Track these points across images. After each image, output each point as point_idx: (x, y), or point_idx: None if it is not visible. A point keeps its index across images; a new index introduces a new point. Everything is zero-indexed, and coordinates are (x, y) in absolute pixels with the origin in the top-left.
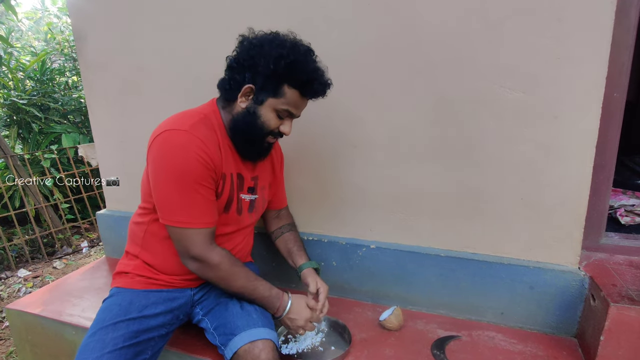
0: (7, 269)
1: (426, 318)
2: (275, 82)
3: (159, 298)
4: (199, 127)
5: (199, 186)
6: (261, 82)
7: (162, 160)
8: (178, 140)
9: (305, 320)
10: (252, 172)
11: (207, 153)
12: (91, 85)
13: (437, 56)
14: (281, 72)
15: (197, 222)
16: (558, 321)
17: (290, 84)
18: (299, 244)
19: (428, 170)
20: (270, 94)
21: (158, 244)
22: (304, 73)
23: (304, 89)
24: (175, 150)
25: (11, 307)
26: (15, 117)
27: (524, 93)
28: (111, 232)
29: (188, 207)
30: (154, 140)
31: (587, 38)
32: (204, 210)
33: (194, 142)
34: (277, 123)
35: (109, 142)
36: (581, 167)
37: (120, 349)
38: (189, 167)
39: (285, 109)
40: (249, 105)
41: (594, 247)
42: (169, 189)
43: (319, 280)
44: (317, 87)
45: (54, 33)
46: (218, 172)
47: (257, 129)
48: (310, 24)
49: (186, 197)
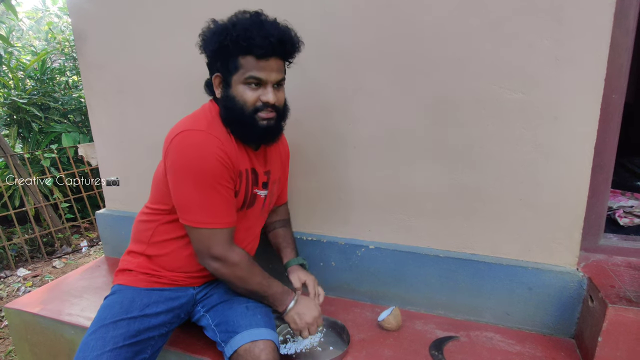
0: (6, 268)
1: (424, 318)
2: (230, 59)
3: (161, 297)
4: (215, 126)
5: (219, 185)
6: (222, 66)
7: (182, 160)
8: (197, 140)
9: (313, 317)
10: (264, 166)
11: (225, 152)
12: (91, 85)
13: (437, 56)
14: (230, 47)
15: (218, 222)
16: (556, 322)
17: (241, 53)
18: (288, 241)
19: (427, 171)
20: (232, 72)
21: (168, 243)
22: (246, 35)
23: (252, 49)
24: (195, 150)
25: (10, 307)
26: (15, 117)
27: (523, 94)
28: (111, 231)
29: (208, 207)
30: (172, 141)
31: (586, 39)
32: (225, 210)
33: (213, 141)
34: (255, 95)
35: (109, 141)
36: (580, 168)
37: (121, 347)
38: (208, 167)
39: (249, 76)
40: (224, 92)
41: (593, 248)
42: (189, 189)
43: (301, 275)
44: (260, 41)
45: (54, 32)
46: (236, 170)
47: (238, 110)
48: (310, 22)
49: (206, 197)
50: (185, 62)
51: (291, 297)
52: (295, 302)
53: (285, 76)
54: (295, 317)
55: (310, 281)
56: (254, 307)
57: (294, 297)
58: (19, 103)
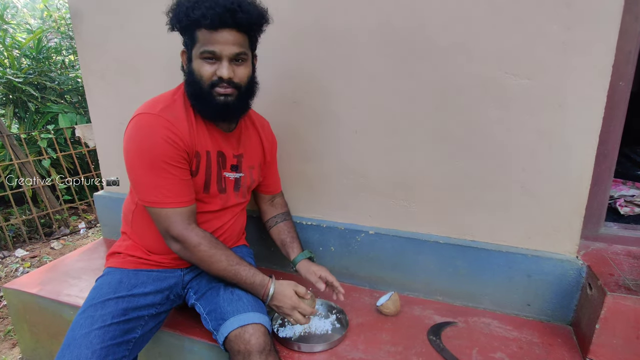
0: (4, 249)
1: (423, 304)
2: (188, 33)
3: (149, 278)
4: (170, 109)
5: (169, 166)
6: (185, 41)
7: (131, 143)
8: (145, 123)
9: (291, 307)
10: (235, 149)
11: (175, 133)
12: (88, 65)
13: (441, 40)
14: (184, 21)
15: (171, 201)
16: (554, 309)
17: (196, 27)
18: (292, 235)
19: (429, 157)
20: (191, 46)
21: (146, 225)
22: (194, 6)
23: (200, 20)
24: (142, 132)
25: (9, 287)
26: (11, 96)
27: (528, 80)
28: (108, 213)
29: (160, 186)
30: (127, 125)
31: (595, 25)
32: (178, 189)
33: (161, 123)
34: (211, 70)
35: (107, 123)
36: (583, 157)
37: (109, 325)
38: (156, 148)
39: (203, 50)
40: (187, 67)
41: (593, 237)
42: (140, 170)
43: (316, 269)
44: (206, 11)
45: (50, 10)
46: (190, 151)
47: (196, 83)
48: (313, 3)
49: (157, 177)
50: None
51: (266, 288)
52: (272, 293)
53: (253, 52)
54: (274, 308)
55: (325, 274)
56: (240, 292)
57: (269, 289)
58: (14, 82)
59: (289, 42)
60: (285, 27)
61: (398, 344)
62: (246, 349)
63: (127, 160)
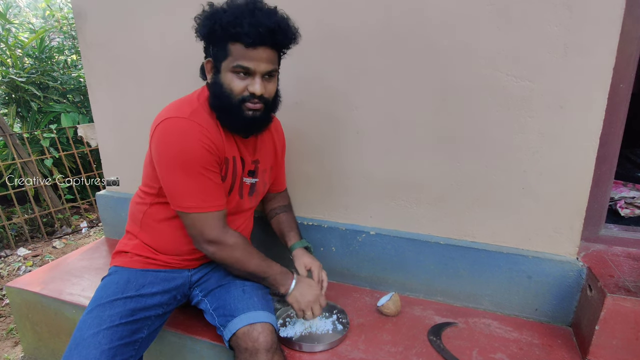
0: (6, 248)
1: (423, 304)
2: (220, 44)
3: (156, 278)
4: (199, 113)
5: (206, 170)
6: (214, 51)
7: (166, 148)
8: (179, 128)
9: (315, 296)
10: (252, 155)
11: (209, 138)
12: (91, 65)
13: (443, 42)
14: (219, 33)
15: (209, 205)
16: (554, 310)
17: (231, 40)
18: (291, 225)
19: (430, 158)
20: (221, 58)
21: (157, 225)
22: (235, 22)
23: (241, 37)
24: (178, 138)
25: (12, 285)
26: (13, 95)
27: (530, 81)
28: (111, 213)
29: (198, 192)
30: (156, 129)
31: (597, 27)
32: (214, 193)
33: (195, 128)
34: (242, 85)
35: (109, 122)
36: (584, 158)
37: (117, 325)
38: (193, 153)
39: (236, 65)
40: (214, 78)
41: (593, 238)
42: (176, 176)
43: (306, 260)
44: (248, 29)
45: (52, 10)
46: (221, 157)
47: (225, 98)
48: (315, 3)
49: (195, 182)
50: (186, 43)
51: (291, 278)
52: (296, 282)
53: (279, 67)
54: (298, 297)
55: (315, 267)
56: (250, 291)
57: (294, 278)
58: (17, 81)
59: None
60: None
61: (398, 344)
62: (254, 346)
63: (160, 167)
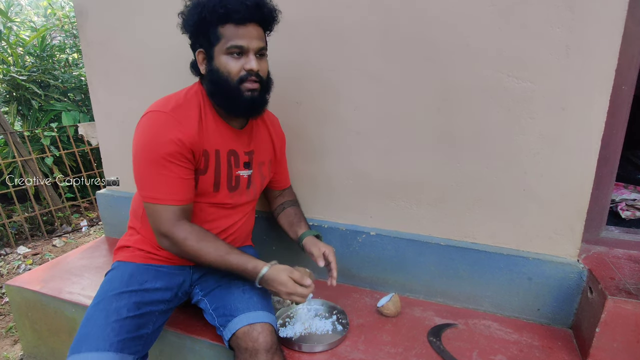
0: (6, 246)
1: (423, 305)
2: (210, 30)
3: (159, 273)
4: (182, 108)
5: (169, 163)
6: (203, 41)
7: (136, 139)
8: (154, 121)
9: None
10: (246, 146)
11: (181, 131)
12: (92, 63)
13: (444, 42)
14: (209, 18)
15: (165, 198)
16: (554, 312)
17: (221, 23)
18: (300, 217)
19: (430, 158)
20: (214, 43)
21: None
22: (222, 2)
23: (229, 15)
24: (149, 129)
25: (11, 284)
26: (14, 93)
27: (531, 83)
28: (111, 211)
29: (156, 183)
30: (138, 122)
31: (599, 28)
32: (175, 187)
33: (169, 122)
34: (238, 65)
35: (110, 121)
36: (586, 160)
37: (124, 319)
38: (158, 145)
39: (230, 45)
40: (208, 67)
41: (594, 240)
42: (140, 165)
43: (321, 245)
44: (236, 5)
45: (54, 8)
46: (197, 150)
47: (224, 81)
48: (316, 4)
49: (156, 173)
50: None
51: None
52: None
53: (267, 47)
54: (265, 285)
55: (329, 252)
56: (250, 290)
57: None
58: (18, 80)
59: (291, 43)
60: (288, 27)
61: (398, 345)
62: (254, 346)
63: (133, 156)
